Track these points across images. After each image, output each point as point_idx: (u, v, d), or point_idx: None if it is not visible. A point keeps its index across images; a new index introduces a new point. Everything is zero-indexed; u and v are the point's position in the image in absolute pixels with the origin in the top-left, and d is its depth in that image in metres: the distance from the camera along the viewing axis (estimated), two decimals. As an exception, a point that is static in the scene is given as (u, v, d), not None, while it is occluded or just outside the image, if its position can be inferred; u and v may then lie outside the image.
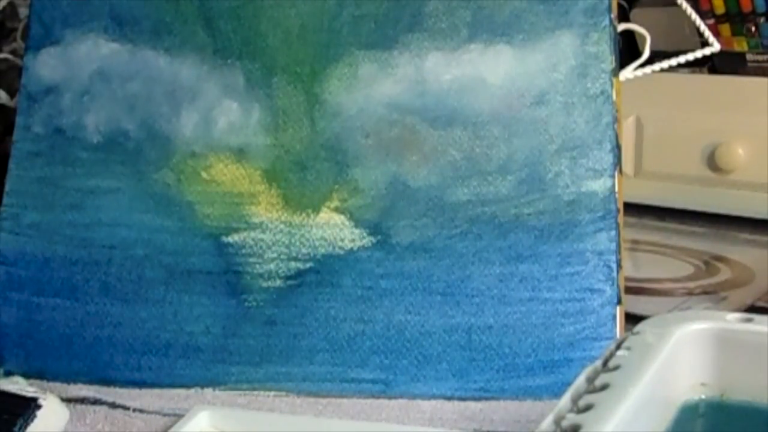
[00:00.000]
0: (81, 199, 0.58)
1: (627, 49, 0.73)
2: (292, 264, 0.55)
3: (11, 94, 0.76)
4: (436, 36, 0.56)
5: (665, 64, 0.63)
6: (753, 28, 0.80)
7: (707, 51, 0.64)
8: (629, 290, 0.57)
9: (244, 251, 0.56)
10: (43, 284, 0.57)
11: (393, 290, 0.54)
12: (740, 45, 0.81)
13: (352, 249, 0.55)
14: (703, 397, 0.40)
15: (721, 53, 0.69)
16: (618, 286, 0.53)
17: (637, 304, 0.61)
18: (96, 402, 0.53)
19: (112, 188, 0.57)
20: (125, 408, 0.53)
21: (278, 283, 0.55)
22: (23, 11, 0.85)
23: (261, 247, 0.56)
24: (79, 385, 0.55)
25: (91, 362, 0.56)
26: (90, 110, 0.58)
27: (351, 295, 0.55)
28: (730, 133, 0.80)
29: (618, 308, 0.53)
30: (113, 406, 0.53)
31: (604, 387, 0.35)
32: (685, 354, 0.40)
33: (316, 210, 0.56)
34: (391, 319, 0.54)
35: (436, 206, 0.55)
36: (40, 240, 0.58)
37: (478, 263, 0.54)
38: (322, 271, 0.55)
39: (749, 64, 0.82)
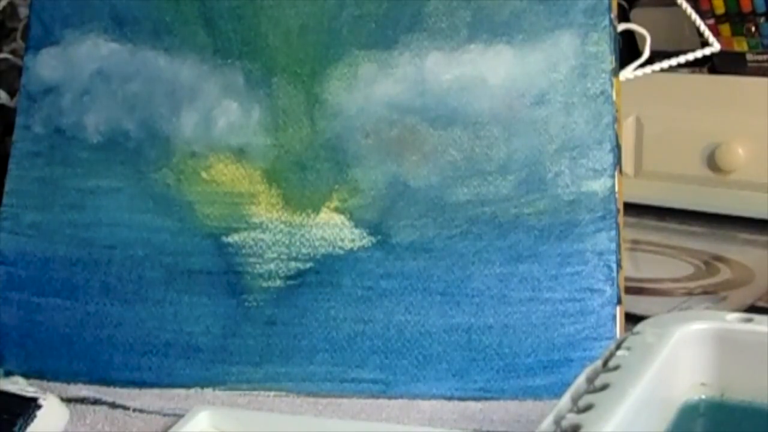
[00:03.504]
0: (81, 199, 0.58)
1: (627, 49, 0.73)
2: (292, 264, 0.55)
3: (11, 94, 0.76)
4: (436, 36, 0.56)
5: (665, 64, 0.63)
6: (753, 28, 0.80)
7: (707, 51, 0.64)
8: (629, 290, 0.57)
9: (244, 251, 0.56)
10: (43, 284, 0.57)
11: (393, 290, 0.54)
12: (740, 45, 0.81)
13: (352, 249, 0.55)
14: (703, 397, 0.40)
15: (721, 53, 0.69)
16: (618, 286, 0.53)
17: (637, 304, 0.61)
18: (96, 402, 0.53)
19: (112, 188, 0.57)
20: (125, 408, 0.53)
21: (278, 283, 0.55)
22: (23, 11, 0.85)
23: (261, 247, 0.56)
24: (79, 385, 0.55)
25: (91, 362, 0.56)
26: (90, 110, 0.58)
27: (351, 295, 0.55)
28: (730, 133, 0.80)
29: (618, 308, 0.53)
30: (113, 406, 0.53)
31: (604, 387, 0.35)
32: (685, 354, 0.40)
33: (316, 210, 0.56)
34: (391, 319, 0.54)
35: (436, 206, 0.55)
36: (40, 240, 0.58)
37: (478, 263, 0.54)
38: (322, 271, 0.55)
39: (749, 64, 0.82)
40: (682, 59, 0.63)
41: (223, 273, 0.56)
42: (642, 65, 0.61)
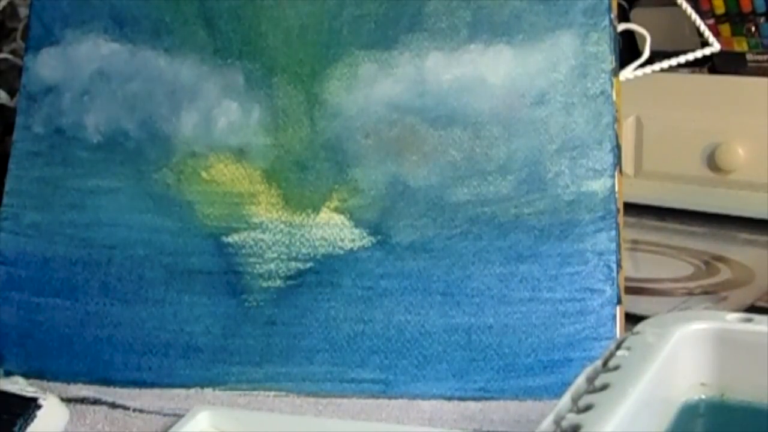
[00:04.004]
0: (81, 199, 0.58)
1: (627, 49, 0.73)
2: (292, 264, 0.55)
3: (11, 94, 0.76)
4: (436, 36, 0.56)
5: (665, 64, 0.63)
6: (753, 28, 0.80)
7: (707, 51, 0.64)
8: (629, 290, 0.57)
9: (244, 251, 0.56)
10: (43, 284, 0.57)
11: (393, 290, 0.54)
12: (740, 45, 0.81)
13: (352, 249, 0.55)
14: (703, 397, 0.40)
15: (721, 53, 0.69)
16: (618, 286, 0.53)
17: (637, 304, 0.61)
18: (96, 402, 0.53)
19: (112, 188, 0.57)
20: (125, 408, 0.53)
21: (278, 283, 0.55)
22: (23, 11, 0.85)
23: (261, 247, 0.56)
24: (79, 385, 0.55)
25: (91, 362, 0.56)
26: (90, 110, 0.58)
27: (351, 295, 0.55)
28: (730, 133, 0.80)
29: (618, 308, 0.53)
30: (113, 406, 0.53)
31: (604, 387, 0.35)
32: (685, 354, 0.40)
33: (316, 210, 0.56)
34: (391, 319, 0.54)
35: (436, 206, 0.55)
36: (40, 240, 0.58)
37: (478, 263, 0.54)
38: (322, 271, 0.55)
39: (749, 64, 0.82)
40: (682, 59, 0.63)
41: (223, 273, 0.56)
42: (642, 65, 0.61)
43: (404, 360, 0.54)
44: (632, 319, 0.51)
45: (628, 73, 0.60)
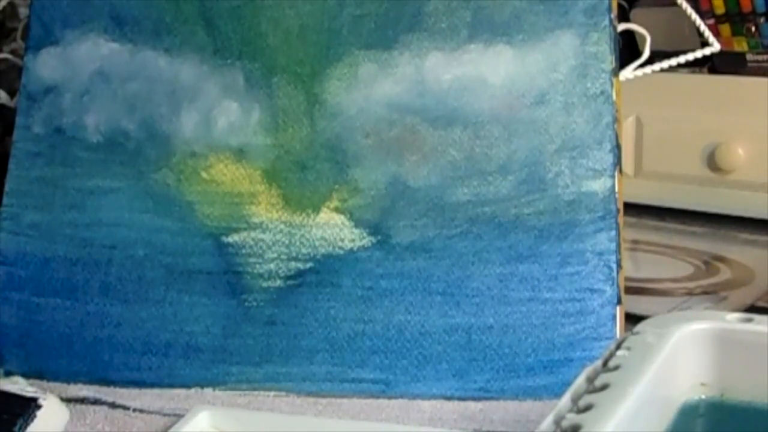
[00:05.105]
0: (81, 199, 0.58)
1: (627, 49, 0.73)
2: (292, 264, 0.55)
3: (11, 94, 0.76)
4: (436, 36, 0.56)
5: (665, 64, 0.63)
6: (753, 28, 0.80)
7: (707, 51, 0.64)
8: (629, 290, 0.57)
9: (244, 251, 0.56)
10: (43, 284, 0.57)
11: (393, 290, 0.54)
12: (740, 45, 0.81)
13: (352, 249, 0.55)
14: (703, 397, 0.40)
15: (721, 53, 0.69)
16: (618, 286, 0.53)
17: (637, 304, 0.61)
18: (96, 402, 0.53)
19: (112, 188, 0.57)
20: (125, 408, 0.53)
21: (278, 283, 0.55)
22: (23, 11, 0.85)
23: (261, 247, 0.56)
24: (79, 385, 0.55)
25: (91, 362, 0.56)
26: (90, 110, 0.58)
27: (351, 295, 0.55)
28: (730, 133, 0.80)
29: (618, 308, 0.53)
30: (113, 406, 0.53)
31: (604, 387, 0.35)
32: (685, 354, 0.40)
33: (316, 210, 0.56)
34: (391, 319, 0.54)
35: (436, 206, 0.55)
36: (40, 240, 0.58)
37: (478, 263, 0.54)
38: (322, 271, 0.55)
39: (749, 64, 0.82)
40: (682, 59, 0.63)
41: (223, 273, 0.56)
42: (642, 65, 0.61)
43: (404, 360, 0.54)
44: (632, 319, 0.51)
45: (628, 73, 0.60)
